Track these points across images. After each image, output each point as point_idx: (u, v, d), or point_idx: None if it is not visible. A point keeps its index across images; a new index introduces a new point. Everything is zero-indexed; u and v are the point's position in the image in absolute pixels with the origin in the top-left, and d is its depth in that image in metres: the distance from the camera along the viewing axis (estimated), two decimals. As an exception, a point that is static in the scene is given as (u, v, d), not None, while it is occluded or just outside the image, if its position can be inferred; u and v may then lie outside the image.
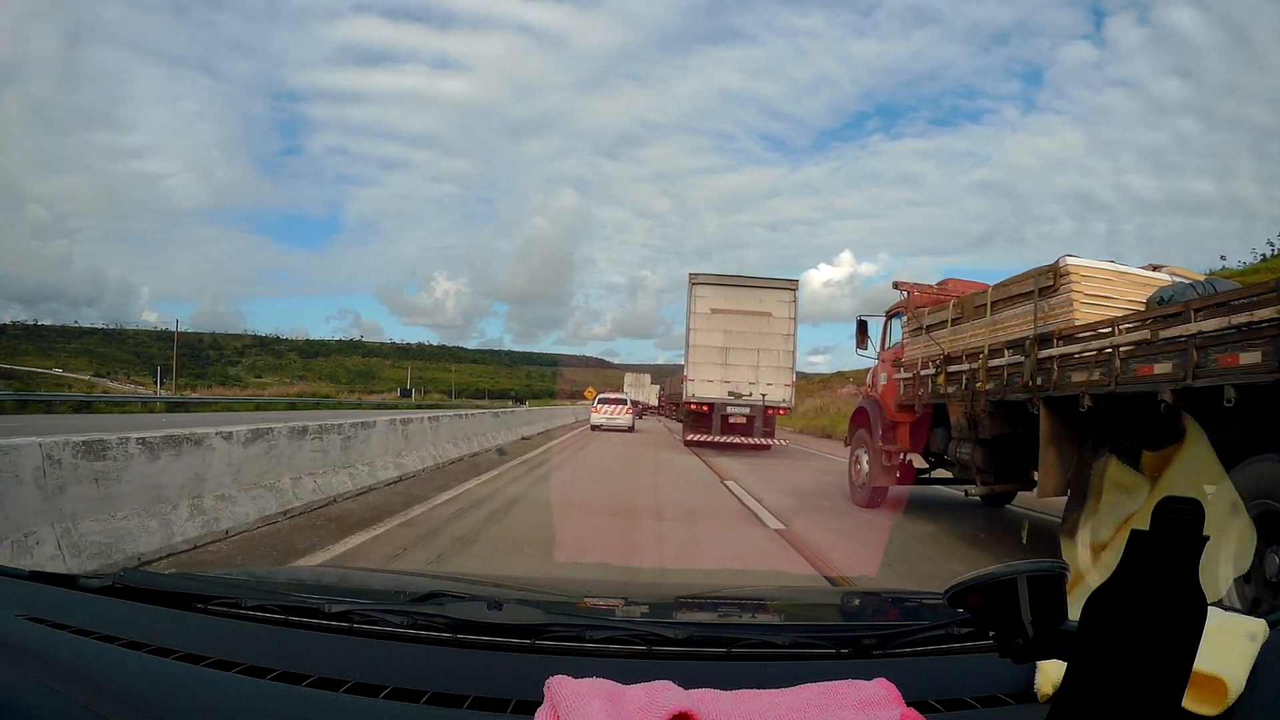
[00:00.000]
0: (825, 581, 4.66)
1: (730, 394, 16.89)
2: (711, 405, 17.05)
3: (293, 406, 40.96)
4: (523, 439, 17.88)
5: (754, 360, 17.05)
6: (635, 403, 31.28)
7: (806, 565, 5.20)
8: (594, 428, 25.66)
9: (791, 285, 17.58)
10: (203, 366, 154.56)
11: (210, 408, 33.82)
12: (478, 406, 63.19)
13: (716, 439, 16.95)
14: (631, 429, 26.11)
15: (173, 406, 30.50)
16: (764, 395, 16.85)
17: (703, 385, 17.21)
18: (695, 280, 17.53)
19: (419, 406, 55.56)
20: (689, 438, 17.52)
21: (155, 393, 36.36)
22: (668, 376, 57.56)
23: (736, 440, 16.95)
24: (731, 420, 16.97)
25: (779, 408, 17.23)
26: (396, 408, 49.94)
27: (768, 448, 17.34)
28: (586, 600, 1.49)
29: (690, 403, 17.52)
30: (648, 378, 58.91)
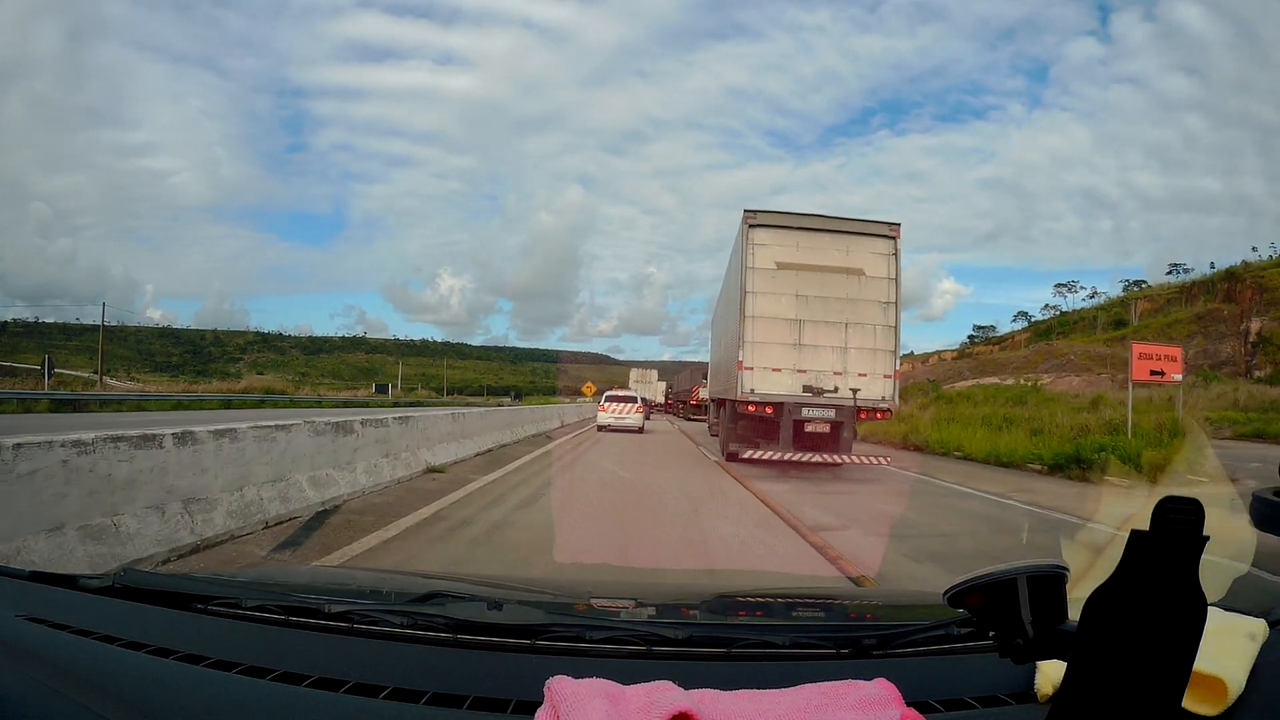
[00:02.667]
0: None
1: (807, 389, 11.25)
2: (779, 406, 11.24)
3: (227, 405, 32.57)
4: (482, 453, 12.23)
5: (840, 338, 11.46)
6: (645, 401, 27.84)
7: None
8: (600, 428, 22.98)
9: (892, 231, 11.71)
10: (204, 363, 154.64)
11: (114, 406, 25.94)
12: (468, 404, 60.60)
13: (786, 457, 11.10)
14: (641, 430, 23.32)
15: (59, 405, 23.54)
16: (855, 390, 11.25)
17: (765, 376, 11.39)
18: (754, 221, 11.68)
19: (395, 405, 49.42)
20: (743, 455, 11.43)
21: (43, 388, 28.59)
22: (674, 373, 57.18)
23: (815, 459, 11.13)
24: (809, 428, 11.33)
25: (877, 409, 11.51)
26: (366, 405, 43.82)
27: (845, 464, 11.47)
28: (586, 600, 1.49)
29: (746, 403, 11.45)
30: (654, 374, 57.69)
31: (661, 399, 51.88)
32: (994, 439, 15.76)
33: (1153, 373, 14.18)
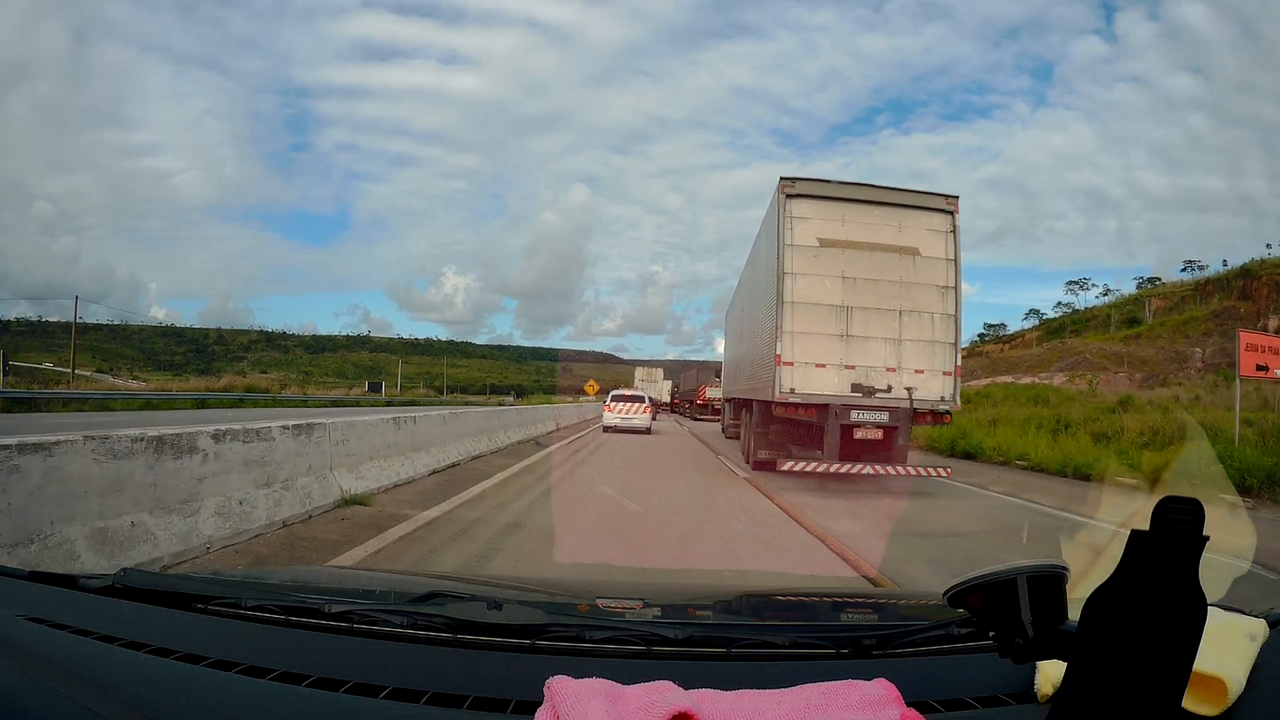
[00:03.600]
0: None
1: (856, 388, 9.63)
2: (824, 409, 9.54)
3: (202, 404, 29.70)
4: (440, 470, 9.32)
5: (893, 328, 9.83)
6: (653, 400, 26.69)
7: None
8: (606, 429, 21.92)
9: (949, 204, 10.08)
10: (208, 362, 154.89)
11: (76, 406, 23.54)
12: (466, 403, 56.71)
13: (834, 469, 9.43)
14: (648, 430, 22.23)
15: (12, 404, 21.50)
16: (911, 390, 9.68)
17: (807, 373, 9.66)
18: (792, 191, 9.96)
19: (389, 404, 47.35)
20: (782, 466, 9.69)
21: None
22: (680, 373, 56.75)
23: (864, 470, 9.52)
24: (859, 435, 9.71)
25: (935, 411, 9.84)
26: (357, 405, 41.39)
27: (899, 476, 9.79)
28: (586, 600, 1.49)
29: (784, 404, 9.71)
30: (660, 372, 55.69)
31: (667, 398, 51.08)
32: (1061, 445, 13.90)
33: (1258, 367, 12.11)
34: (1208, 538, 0.65)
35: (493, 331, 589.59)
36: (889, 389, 9.65)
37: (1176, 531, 0.64)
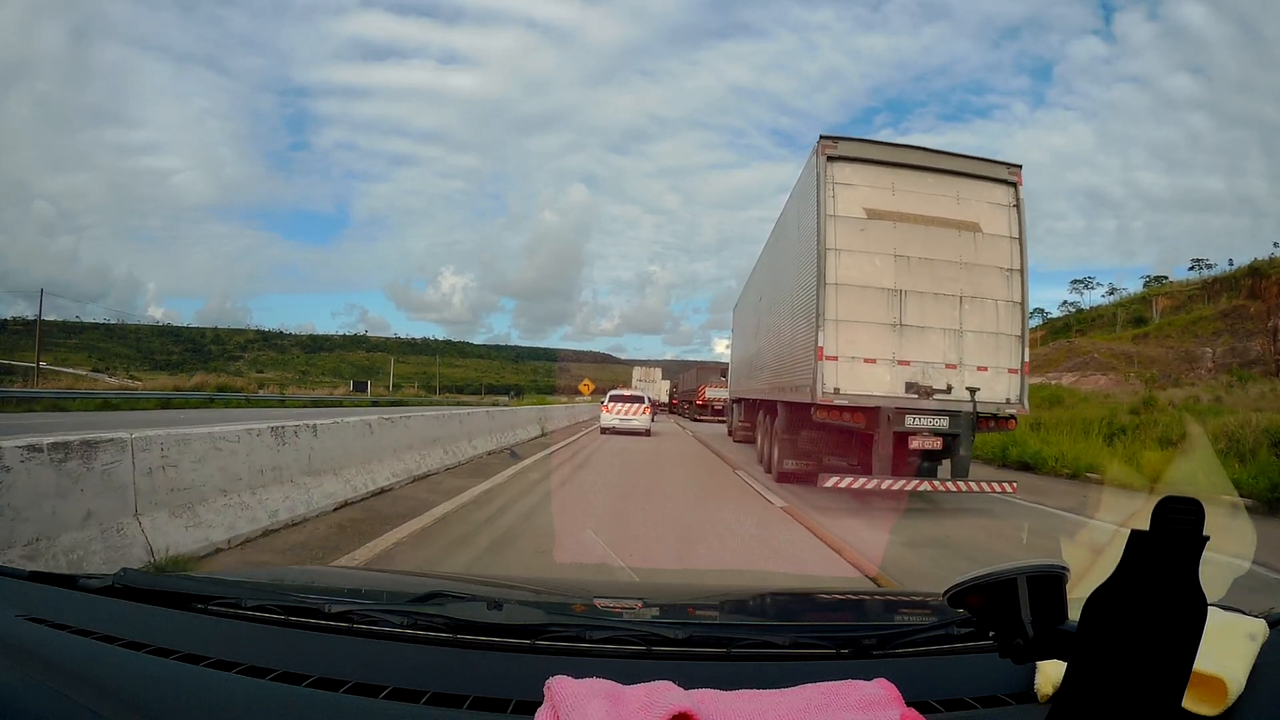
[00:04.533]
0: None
1: (912, 388, 8.09)
2: (874, 413, 7.94)
3: (167, 404, 27.15)
4: (360, 500, 6.86)
5: (953, 317, 8.36)
6: (652, 401, 25.46)
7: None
8: (604, 430, 20.82)
9: (1012, 174, 8.72)
10: (204, 361, 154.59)
11: (24, 405, 21.77)
12: (459, 403, 54.52)
13: (890, 486, 7.80)
14: (648, 432, 21.06)
15: None
16: (974, 390, 8.09)
17: (855, 370, 8.11)
18: (834, 153, 8.42)
19: (374, 404, 44.10)
20: (826, 483, 7.90)
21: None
22: (679, 373, 56.26)
23: (922, 487, 7.99)
24: (915, 444, 8.02)
25: (999, 416, 8.33)
26: (339, 405, 38.76)
27: (958, 493, 8.03)
28: (586, 600, 1.49)
29: (827, 407, 8.06)
30: (659, 372, 54.90)
31: (666, 399, 50.34)
32: (1135, 455, 11.97)
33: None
34: (1208, 538, 0.65)
35: (490, 331, 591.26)
36: (948, 389, 8.06)
37: (1176, 531, 0.64)
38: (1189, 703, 0.75)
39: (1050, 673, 0.86)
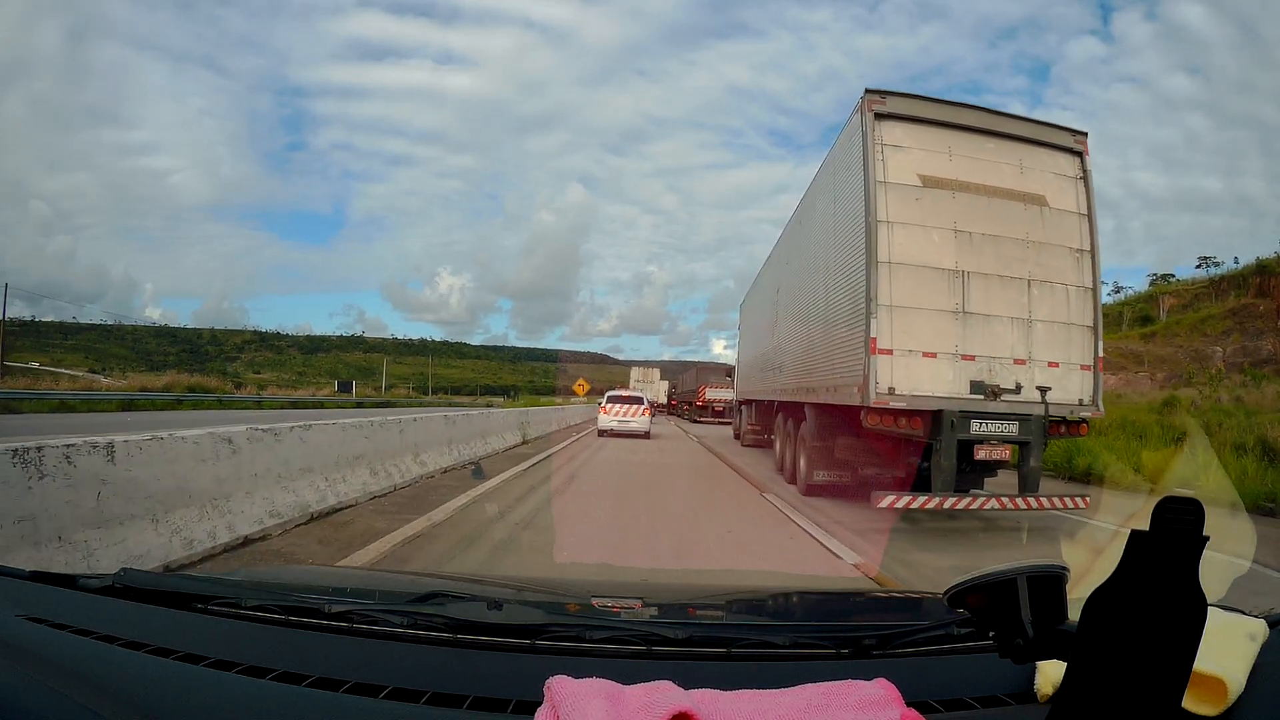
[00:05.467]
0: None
1: (977, 386, 6.96)
2: (935, 417, 6.82)
3: (129, 405, 25.41)
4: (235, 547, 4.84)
5: (1021, 304, 7.24)
6: (652, 402, 24.21)
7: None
8: (602, 432, 20.08)
9: (1077, 142, 7.66)
10: (201, 362, 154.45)
11: None
12: (450, 404, 52.54)
13: (945, 504, 6.61)
14: (647, 435, 20.17)
15: None
16: (1044, 390, 6.94)
17: (911, 366, 6.97)
18: (882, 109, 7.32)
19: (359, 405, 42.20)
20: (883, 502, 6.65)
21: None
22: (677, 373, 55.71)
23: (990, 504, 6.85)
24: (982, 453, 7.02)
25: (1073, 420, 7.35)
26: (320, 407, 36.55)
27: (1026, 510, 6.90)
28: (586, 600, 1.49)
29: (884, 410, 6.91)
30: (656, 373, 53.88)
31: (664, 399, 49.58)
32: (1210, 465, 9.99)
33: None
34: (1208, 538, 0.65)
35: (488, 332, 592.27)
36: (1018, 389, 6.92)
37: (1176, 531, 0.64)
38: (1189, 703, 0.75)
39: (1050, 673, 0.86)
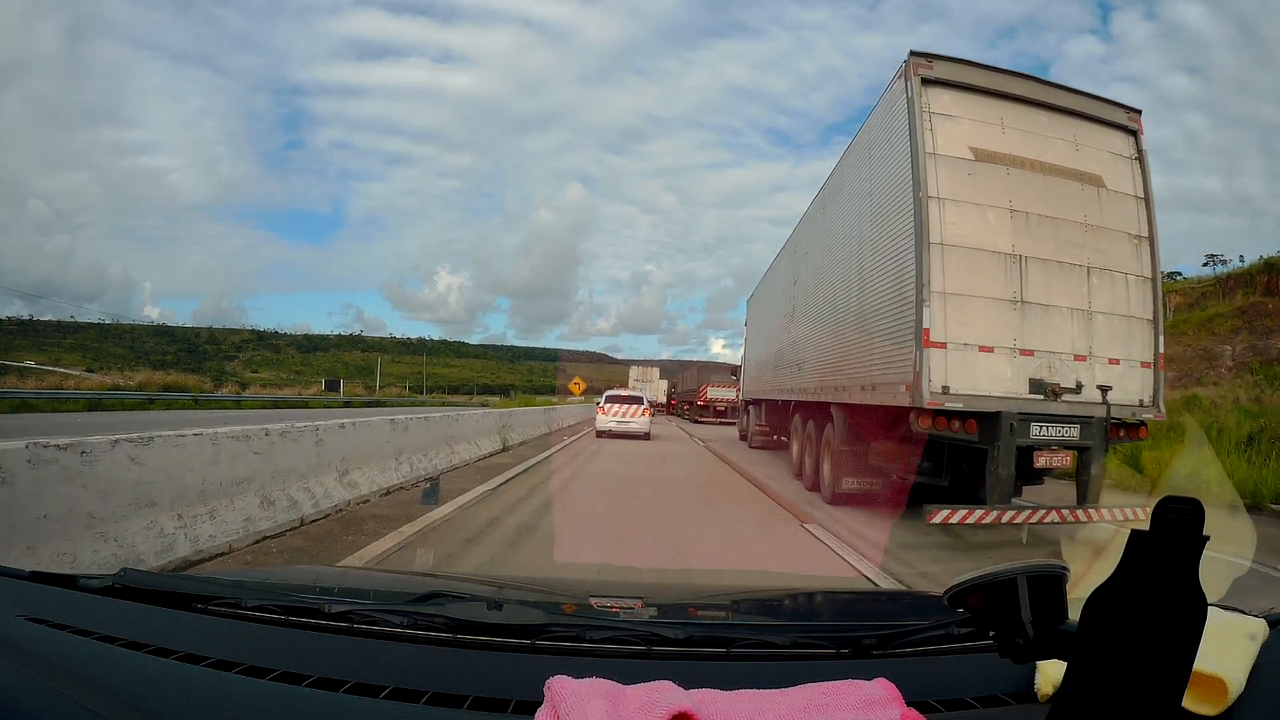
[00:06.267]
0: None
1: (1036, 385, 6.30)
2: (992, 420, 6.14)
3: (97, 405, 24.35)
4: None
5: (1080, 294, 6.61)
6: (652, 402, 23.64)
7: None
8: (600, 433, 19.48)
9: (1131, 120, 7.09)
10: (199, 361, 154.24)
11: None
12: (443, 403, 51.19)
13: (1004, 518, 5.88)
14: (647, 435, 19.50)
15: None
16: (1105, 390, 6.39)
17: (966, 362, 6.24)
18: (930, 74, 6.66)
19: (347, 404, 40.69)
20: (935, 516, 5.82)
21: None
22: (676, 372, 54.85)
23: (1049, 518, 6.07)
24: (1042, 461, 6.25)
25: (1132, 423, 6.59)
26: (305, 407, 35.20)
27: (1096, 523, 6.13)
28: (586, 600, 1.49)
29: (937, 411, 6.12)
30: (656, 371, 53.14)
31: (663, 399, 48.62)
32: None
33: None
34: (1208, 537, 0.65)
35: (486, 331, 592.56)
36: (1078, 388, 6.26)
37: (1176, 531, 0.64)
38: (1189, 703, 0.75)
39: (1050, 673, 0.86)
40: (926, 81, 6.55)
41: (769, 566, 5.73)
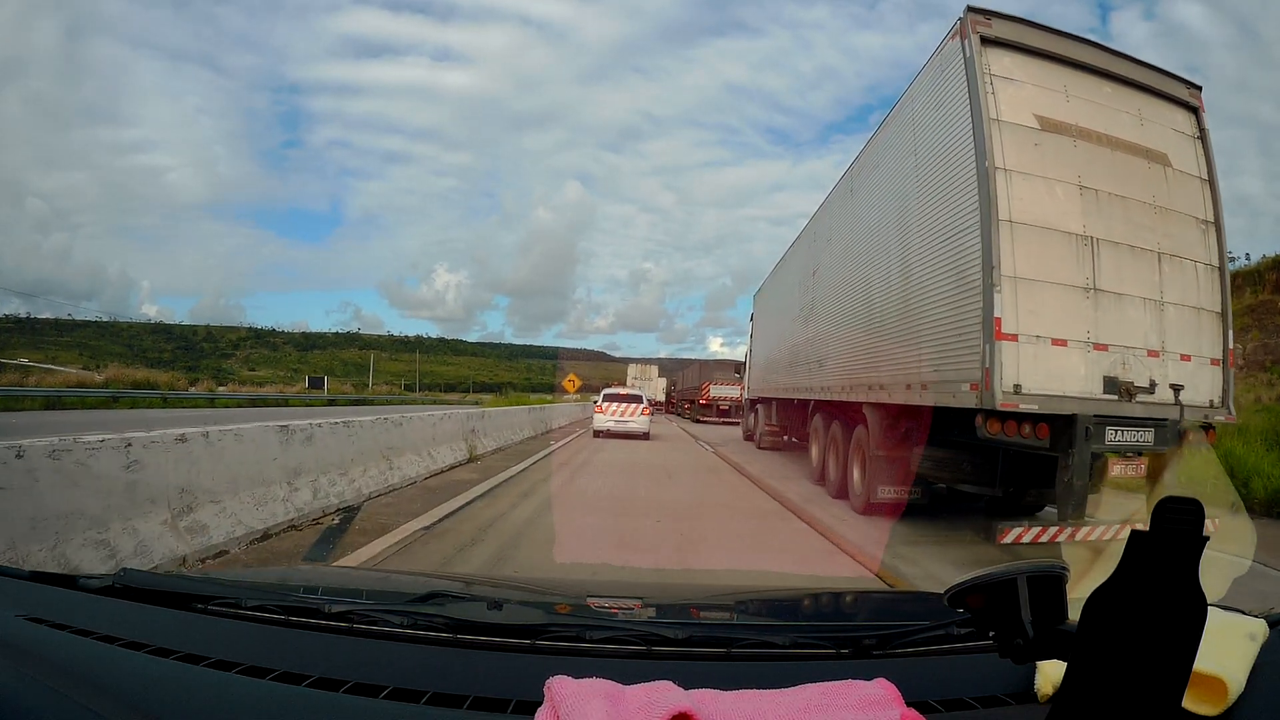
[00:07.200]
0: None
1: (1110, 384, 5.55)
2: (1067, 423, 5.35)
3: (55, 403, 23.05)
4: None
5: (1152, 282, 5.91)
6: (650, 400, 22.64)
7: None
8: (597, 433, 18.94)
9: (1191, 97, 6.49)
10: (196, 359, 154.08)
11: None
12: (436, 401, 49.71)
13: (1076, 535, 5.28)
14: (646, 435, 18.92)
15: None
16: (1178, 389, 5.65)
17: (1038, 357, 5.44)
18: (989, 33, 5.88)
19: (331, 403, 39.21)
20: (1006, 535, 5.36)
21: None
22: (676, 370, 54.02)
23: (1122, 533, 5.11)
24: (1118, 469, 5.70)
25: (1202, 424, 5.87)
26: (285, 405, 33.74)
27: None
28: (586, 600, 1.49)
29: (1008, 414, 5.35)
30: (654, 370, 51.84)
31: (662, 398, 47.31)
32: None
33: None
34: (1208, 538, 0.65)
35: (484, 329, 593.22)
36: (1151, 387, 5.61)
37: (1176, 531, 0.64)
38: (1189, 703, 0.75)
39: (1050, 673, 0.86)
40: (986, 41, 5.87)
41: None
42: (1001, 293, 5.35)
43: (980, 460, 6.20)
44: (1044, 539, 5.29)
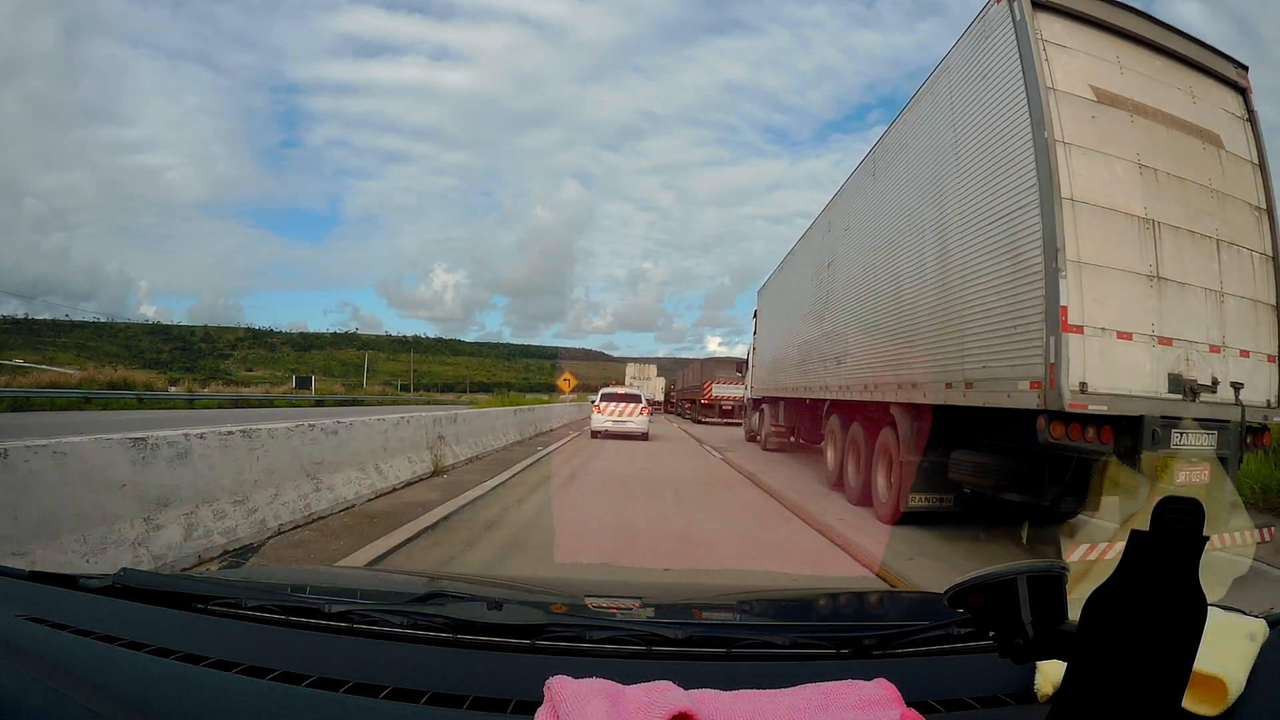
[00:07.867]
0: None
1: (1175, 382, 5.02)
2: (1133, 425, 4.81)
3: (21, 405, 21.69)
4: None
5: (1212, 270, 5.41)
6: (649, 400, 21.98)
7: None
8: (595, 434, 18.70)
9: (1239, 76, 6.08)
10: (194, 360, 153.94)
11: None
12: (431, 401, 49.25)
13: None
14: (645, 436, 18.56)
15: None
16: (1238, 387, 5.17)
17: (1104, 352, 4.85)
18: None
19: (319, 404, 37.87)
20: (1072, 553, 4.50)
21: None
22: (675, 370, 53.12)
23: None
24: (1182, 476, 4.82)
25: (1258, 425, 5.42)
26: (271, 405, 33.02)
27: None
28: (586, 600, 1.49)
29: (1072, 416, 4.76)
30: (653, 369, 51.35)
31: (661, 397, 46.61)
32: None
33: None
34: (1208, 538, 0.65)
35: (482, 329, 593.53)
36: (1214, 386, 5.18)
37: (1176, 531, 0.64)
38: (1189, 703, 0.75)
39: (1050, 673, 0.86)
40: (1038, 5, 5.42)
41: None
42: (1067, 278, 4.82)
43: (1027, 466, 5.53)
44: (1109, 555, 4.53)
